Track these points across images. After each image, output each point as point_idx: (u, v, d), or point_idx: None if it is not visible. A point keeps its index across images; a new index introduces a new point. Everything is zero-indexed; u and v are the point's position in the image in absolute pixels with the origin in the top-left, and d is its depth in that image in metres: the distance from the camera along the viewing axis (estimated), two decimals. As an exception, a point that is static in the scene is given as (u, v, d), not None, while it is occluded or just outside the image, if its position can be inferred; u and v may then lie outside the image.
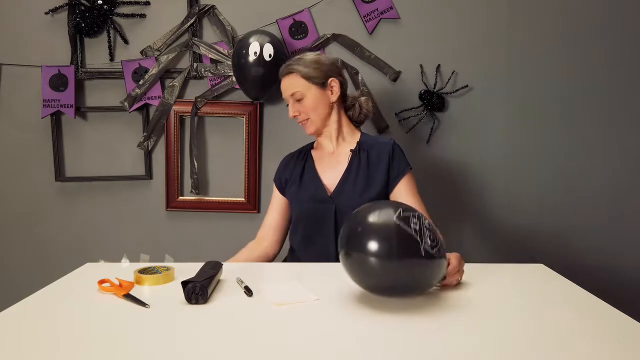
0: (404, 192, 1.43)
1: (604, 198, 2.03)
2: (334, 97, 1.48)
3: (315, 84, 1.45)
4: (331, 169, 1.48)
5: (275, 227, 1.56)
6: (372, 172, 1.44)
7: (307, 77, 1.44)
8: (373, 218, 0.93)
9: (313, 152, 1.56)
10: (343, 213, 1.40)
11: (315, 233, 1.44)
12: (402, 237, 0.89)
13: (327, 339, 0.83)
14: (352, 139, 1.52)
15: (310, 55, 1.47)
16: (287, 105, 1.50)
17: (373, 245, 0.89)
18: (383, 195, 1.43)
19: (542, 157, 2.03)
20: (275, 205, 1.57)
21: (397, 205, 0.95)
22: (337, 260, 1.07)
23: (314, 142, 1.60)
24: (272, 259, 1.55)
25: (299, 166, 1.53)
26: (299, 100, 1.45)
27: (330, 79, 1.46)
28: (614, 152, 2.02)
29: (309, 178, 1.49)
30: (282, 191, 1.55)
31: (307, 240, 1.46)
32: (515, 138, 2.02)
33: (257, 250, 1.52)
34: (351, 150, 1.48)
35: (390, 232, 0.89)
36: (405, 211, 0.93)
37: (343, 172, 1.45)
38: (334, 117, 1.50)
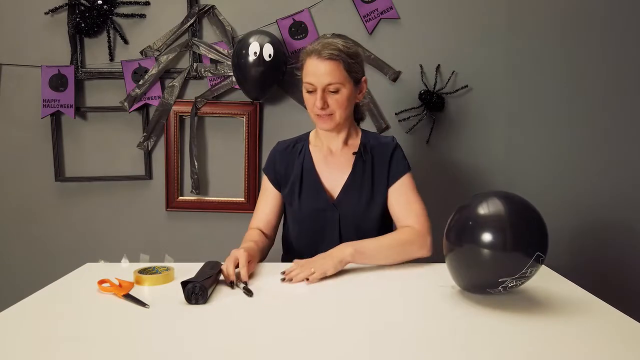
0: (396, 190, 1.37)
1: (604, 197, 2.03)
2: (361, 97, 1.38)
3: (353, 80, 1.32)
4: (332, 171, 1.41)
5: (269, 222, 1.45)
6: (376, 178, 1.39)
7: (349, 71, 1.30)
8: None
9: (312, 149, 1.44)
10: (348, 220, 1.36)
11: (318, 240, 1.38)
12: None
13: (327, 338, 0.83)
14: (356, 139, 1.44)
15: (351, 47, 1.33)
16: (309, 91, 1.32)
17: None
18: (387, 202, 1.39)
19: (541, 157, 2.03)
20: (269, 199, 1.45)
21: None
22: None
23: (309, 134, 1.49)
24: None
25: (297, 164, 1.43)
26: (332, 92, 1.30)
27: (364, 77, 1.37)
28: (614, 152, 2.02)
29: (310, 181, 1.40)
30: (278, 187, 1.45)
31: (311, 248, 1.37)
32: (515, 138, 2.02)
33: (265, 244, 1.41)
34: (354, 153, 1.40)
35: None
36: None
37: (347, 177, 1.38)
38: (350, 116, 1.40)
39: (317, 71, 1.28)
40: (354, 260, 1.22)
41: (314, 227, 1.39)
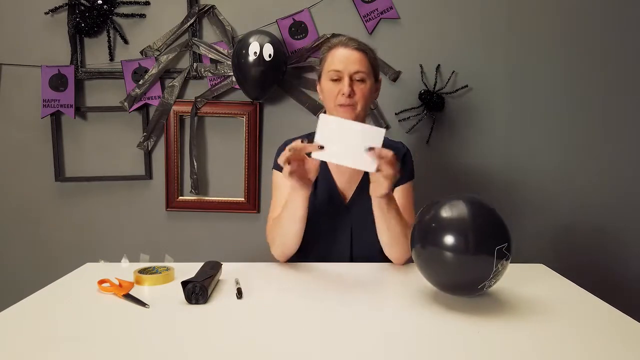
0: (396, 194, 1.33)
1: (604, 197, 2.03)
2: (376, 96, 1.39)
3: (374, 76, 1.34)
4: (345, 172, 1.37)
5: None
6: None
7: (372, 65, 1.33)
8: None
9: None
10: (360, 222, 1.34)
11: (329, 241, 1.36)
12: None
13: (327, 338, 0.83)
14: None
15: (370, 45, 1.35)
16: (333, 79, 1.30)
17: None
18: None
19: (541, 157, 2.03)
20: (287, 192, 1.31)
21: None
22: None
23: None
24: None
25: None
26: (358, 81, 1.29)
27: (380, 76, 1.38)
28: (614, 151, 2.02)
29: (323, 181, 1.37)
30: None
31: (321, 249, 1.37)
32: (515, 138, 2.02)
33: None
34: None
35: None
36: None
37: (360, 179, 1.36)
38: (366, 115, 1.37)
39: (346, 59, 1.30)
40: (388, 203, 1.19)
41: (326, 228, 1.36)
